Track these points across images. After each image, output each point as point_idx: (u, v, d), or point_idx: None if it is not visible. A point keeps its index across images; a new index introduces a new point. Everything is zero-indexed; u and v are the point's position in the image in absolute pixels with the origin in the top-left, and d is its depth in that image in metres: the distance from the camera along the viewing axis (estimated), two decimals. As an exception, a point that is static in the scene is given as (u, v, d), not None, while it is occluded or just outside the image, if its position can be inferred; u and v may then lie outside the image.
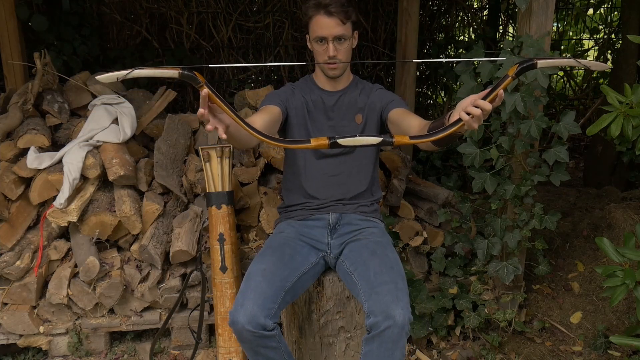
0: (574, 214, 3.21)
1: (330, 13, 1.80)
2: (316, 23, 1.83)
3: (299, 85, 2.06)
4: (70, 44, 3.84)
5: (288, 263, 1.79)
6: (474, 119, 1.37)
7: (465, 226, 2.67)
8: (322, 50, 1.87)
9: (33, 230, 2.57)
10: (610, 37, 5.10)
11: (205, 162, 2.39)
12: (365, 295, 1.69)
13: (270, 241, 1.92)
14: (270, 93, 2.02)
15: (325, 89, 2.02)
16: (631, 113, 2.06)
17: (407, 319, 1.61)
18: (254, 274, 1.73)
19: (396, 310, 1.60)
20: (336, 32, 1.82)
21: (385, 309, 1.61)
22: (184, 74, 1.31)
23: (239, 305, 1.64)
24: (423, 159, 4.06)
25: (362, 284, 1.73)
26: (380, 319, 1.60)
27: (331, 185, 2.00)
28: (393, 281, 1.70)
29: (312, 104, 2.00)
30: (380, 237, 1.93)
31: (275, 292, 1.69)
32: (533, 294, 2.76)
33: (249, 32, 4.47)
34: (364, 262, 1.79)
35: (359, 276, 1.76)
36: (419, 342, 2.57)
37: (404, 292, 1.68)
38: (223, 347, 2.31)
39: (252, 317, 1.60)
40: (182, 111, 3.43)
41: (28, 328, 2.45)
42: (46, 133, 2.63)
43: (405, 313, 1.61)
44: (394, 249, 1.91)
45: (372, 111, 2.00)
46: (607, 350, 2.46)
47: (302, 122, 1.99)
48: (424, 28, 4.76)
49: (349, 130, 1.98)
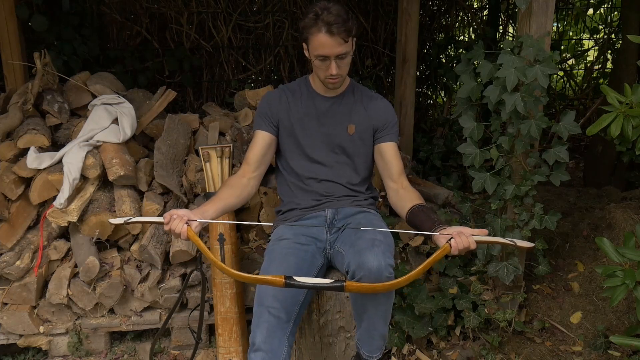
0: (574, 214, 3.21)
1: (332, 33, 1.75)
2: (317, 41, 1.78)
3: (291, 88, 2.03)
4: (70, 44, 3.83)
5: (296, 274, 1.77)
6: (461, 246, 1.60)
7: (465, 226, 2.66)
8: (324, 67, 1.84)
9: (33, 230, 2.57)
10: (610, 37, 5.10)
11: (205, 162, 2.39)
12: (346, 254, 1.76)
13: (272, 252, 1.88)
14: (261, 110, 2.01)
15: (320, 93, 2.00)
16: (631, 113, 2.06)
17: (383, 264, 1.64)
18: (263, 303, 1.73)
19: (369, 256, 1.65)
20: (339, 52, 1.79)
21: (359, 258, 1.67)
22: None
23: (252, 351, 1.69)
24: (423, 159, 4.06)
25: (345, 248, 1.80)
26: (355, 268, 1.66)
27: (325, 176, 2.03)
28: (372, 235, 1.75)
29: (303, 111, 1.98)
30: (371, 216, 1.96)
31: (288, 313, 1.73)
32: (533, 294, 2.76)
33: (249, 32, 4.47)
34: (349, 234, 1.84)
35: (344, 245, 1.83)
36: (419, 342, 2.57)
37: (381, 242, 1.73)
38: (223, 347, 2.31)
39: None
40: (182, 111, 3.43)
41: (28, 328, 2.45)
42: (46, 133, 2.63)
43: (379, 259, 1.65)
44: (383, 223, 1.95)
45: (366, 129, 2.00)
46: (607, 350, 2.46)
47: (290, 130, 1.99)
48: (424, 28, 4.76)
49: (341, 139, 1.98)
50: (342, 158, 2.00)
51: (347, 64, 1.86)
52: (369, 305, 1.77)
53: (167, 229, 1.64)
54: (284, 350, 1.70)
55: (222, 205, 1.79)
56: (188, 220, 1.64)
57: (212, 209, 1.75)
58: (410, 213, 1.84)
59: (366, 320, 1.80)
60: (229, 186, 1.90)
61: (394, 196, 1.95)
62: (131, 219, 1.72)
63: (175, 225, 1.62)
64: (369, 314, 1.78)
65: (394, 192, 1.95)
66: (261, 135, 1.99)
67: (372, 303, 1.76)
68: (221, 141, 2.84)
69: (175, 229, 1.61)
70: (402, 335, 2.49)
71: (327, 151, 1.99)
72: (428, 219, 1.77)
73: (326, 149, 1.99)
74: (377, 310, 1.78)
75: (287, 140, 2.00)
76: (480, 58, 2.36)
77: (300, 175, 2.00)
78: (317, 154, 1.98)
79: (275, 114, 1.98)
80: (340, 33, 1.76)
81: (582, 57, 5.65)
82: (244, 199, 1.93)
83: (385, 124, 1.99)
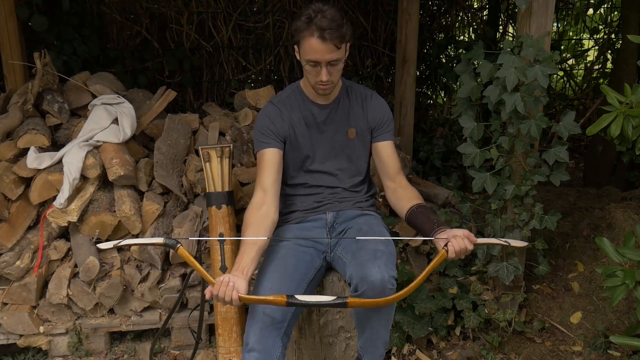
0: (574, 214, 3.21)
1: (324, 38, 1.67)
2: (309, 45, 1.70)
3: (285, 101, 1.94)
4: (70, 44, 3.83)
5: (293, 275, 1.77)
6: (457, 249, 1.62)
7: (465, 226, 2.66)
8: (314, 72, 1.77)
9: (33, 230, 2.57)
10: (610, 37, 5.10)
11: (205, 162, 2.39)
12: (348, 264, 1.74)
13: (271, 252, 1.88)
14: (263, 128, 1.89)
15: (315, 101, 1.93)
16: (631, 113, 2.06)
17: (386, 277, 1.63)
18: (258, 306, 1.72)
19: (372, 269, 1.64)
20: (330, 58, 1.71)
21: (361, 271, 1.65)
22: (167, 243, 1.62)
23: (246, 352, 1.68)
24: (423, 159, 4.06)
25: (347, 256, 1.78)
26: (358, 282, 1.65)
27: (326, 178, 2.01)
28: (373, 245, 1.73)
29: (303, 122, 1.92)
30: (372, 220, 1.95)
31: (283, 313, 1.71)
32: (533, 294, 2.76)
33: (249, 32, 4.47)
34: (351, 241, 1.82)
35: (346, 253, 1.81)
36: (419, 342, 2.57)
37: (383, 252, 1.71)
38: (223, 347, 2.31)
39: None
40: (182, 111, 3.43)
41: (28, 328, 2.45)
42: (46, 133, 2.63)
43: (382, 271, 1.64)
44: (383, 226, 1.94)
45: (365, 130, 1.97)
46: (607, 350, 2.46)
47: (296, 144, 1.93)
48: (424, 28, 4.76)
49: (343, 145, 1.96)
50: (345, 164, 1.98)
51: (338, 70, 1.78)
52: (372, 315, 1.76)
53: (212, 296, 1.57)
54: (277, 350, 1.69)
55: (256, 249, 1.69)
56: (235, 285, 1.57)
57: (250, 261, 1.66)
58: (409, 214, 1.83)
59: (369, 330, 1.80)
60: (252, 226, 1.76)
61: (392, 196, 1.94)
62: (120, 242, 1.66)
63: (223, 292, 1.55)
64: (373, 323, 1.78)
65: (392, 192, 1.94)
66: (270, 153, 1.87)
67: (375, 314, 1.76)
68: (221, 141, 2.84)
69: (225, 297, 1.54)
70: (402, 335, 2.49)
71: (330, 159, 1.96)
72: (427, 220, 1.77)
73: (329, 157, 1.96)
74: (380, 320, 1.78)
75: (292, 155, 1.94)
76: (480, 58, 2.36)
77: (303, 184, 1.99)
78: (320, 164, 1.95)
79: (281, 128, 1.90)
80: (334, 39, 1.68)
81: (582, 57, 5.65)
82: (272, 229, 1.82)
83: (381, 122, 1.96)
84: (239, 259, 1.67)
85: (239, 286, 1.56)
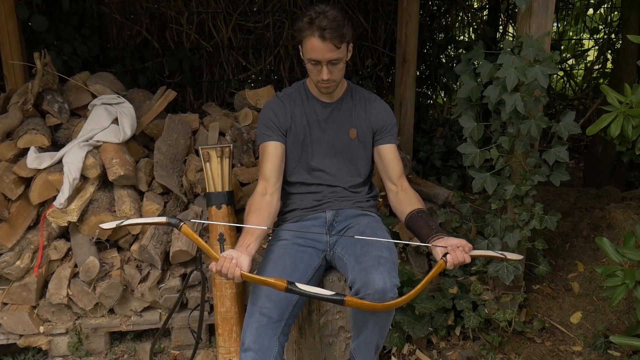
0: (574, 214, 3.21)
1: (324, 38, 1.72)
2: (310, 44, 1.76)
3: (291, 95, 1.99)
4: (70, 44, 3.84)
5: (292, 274, 1.77)
6: (456, 262, 1.65)
7: (465, 226, 2.66)
8: (315, 71, 1.82)
9: (33, 230, 2.57)
10: (610, 37, 5.10)
11: (205, 162, 2.39)
12: (351, 268, 1.74)
13: (269, 251, 1.89)
14: (267, 121, 1.93)
15: (320, 99, 1.97)
16: (631, 113, 2.06)
17: (388, 285, 1.64)
18: (256, 303, 1.72)
19: (375, 276, 1.64)
20: (330, 57, 1.76)
21: (365, 277, 1.66)
22: (171, 222, 1.68)
23: (242, 351, 1.69)
24: (423, 159, 4.06)
25: (350, 259, 1.78)
26: (361, 287, 1.65)
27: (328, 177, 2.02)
28: (378, 251, 1.74)
29: (305, 118, 1.95)
30: (374, 222, 1.95)
31: (280, 313, 1.72)
32: (533, 294, 2.76)
33: (249, 32, 4.47)
34: (353, 242, 1.83)
35: (348, 255, 1.81)
36: (419, 342, 2.57)
37: (387, 259, 1.72)
38: (223, 347, 2.31)
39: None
40: (182, 111, 3.43)
41: (28, 328, 2.45)
42: (46, 133, 2.63)
43: (385, 279, 1.64)
44: (386, 230, 1.94)
45: (366, 132, 1.99)
46: (607, 350, 2.46)
47: (296, 138, 1.96)
48: (424, 28, 4.76)
49: (343, 144, 1.97)
50: (345, 163, 1.99)
51: (340, 69, 1.83)
52: (370, 320, 1.77)
53: (216, 271, 1.60)
54: (274, 350, 1.70)
55: (259, 232, 1.75)
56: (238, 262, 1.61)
57: (253, 241, 1.71)
58: (409, 218, 1.85)
59: (365, 333, 1.81)
60: (255, 210, 1.82)
61: (393, 199, 1.96)
62: (124, 221, 1.69)
63: (226, 268, 1.58)
64: (369, 327, 1.79)
65: (393, 195, 1.96)
66: (273, 146, 1.91)
67: (373, 318, 1.77)
68: (221, 141, 2.84)
69: (228, 273, 1.58)
70: (402, 335, 2.50)
71: (330, 157, 1.98)
72: (426, 226, 1.79)
73: (329, 155, 1.97)
74: (377, 325, 1.78)
75: (293, 149, 1.97)
76: (480, 58, 2.36)
77: (302, 183, 1.99)
78: (320, 162, 1.97)
79: (283, 122, 1.94)
80: (333, 39, 1.73)
81: (582, 57, 5.66)
82: (274, 217, 1.89)
83: (385, 126, 1.99)
84: (242, 237, 1.72)
85: (242, 263, 1.61)
